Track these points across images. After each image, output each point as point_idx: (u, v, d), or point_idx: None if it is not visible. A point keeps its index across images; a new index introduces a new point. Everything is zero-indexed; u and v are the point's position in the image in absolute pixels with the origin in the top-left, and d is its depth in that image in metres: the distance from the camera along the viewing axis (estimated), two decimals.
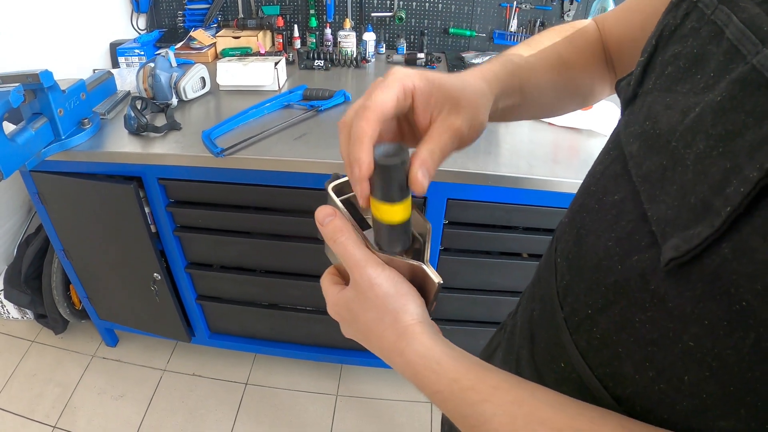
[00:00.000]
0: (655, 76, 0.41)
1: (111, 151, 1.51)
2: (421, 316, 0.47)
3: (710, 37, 0.35)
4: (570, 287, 0.46)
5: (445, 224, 1.58)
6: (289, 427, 1.98)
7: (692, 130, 0.33)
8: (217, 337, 2.11)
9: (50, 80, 1.38)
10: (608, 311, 0.40)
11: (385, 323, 0.47)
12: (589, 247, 0.44)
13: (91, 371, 2.20)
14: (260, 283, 1.86)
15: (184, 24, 2.39)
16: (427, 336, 0.45)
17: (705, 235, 0.30)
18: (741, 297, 0.29)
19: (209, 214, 1.68)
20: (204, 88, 1.84)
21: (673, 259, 0.33)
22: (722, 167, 0.30)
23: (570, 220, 0.50)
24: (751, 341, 0.29)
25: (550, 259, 0.53)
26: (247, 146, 1.49)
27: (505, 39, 2.19)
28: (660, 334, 0.35)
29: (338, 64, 2.17)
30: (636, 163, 0.40)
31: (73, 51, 2.05)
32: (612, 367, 0.40)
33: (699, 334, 0.32)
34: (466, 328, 1.85)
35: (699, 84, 0.35)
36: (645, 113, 0.40)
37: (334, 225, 0.48)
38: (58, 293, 2.08)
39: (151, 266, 1.77)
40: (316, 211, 0.49)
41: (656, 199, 0.36)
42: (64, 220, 1.78)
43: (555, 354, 0.48)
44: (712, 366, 0.31)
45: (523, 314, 0.60)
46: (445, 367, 0.42)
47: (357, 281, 0.47)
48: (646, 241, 0.37)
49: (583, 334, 0.43)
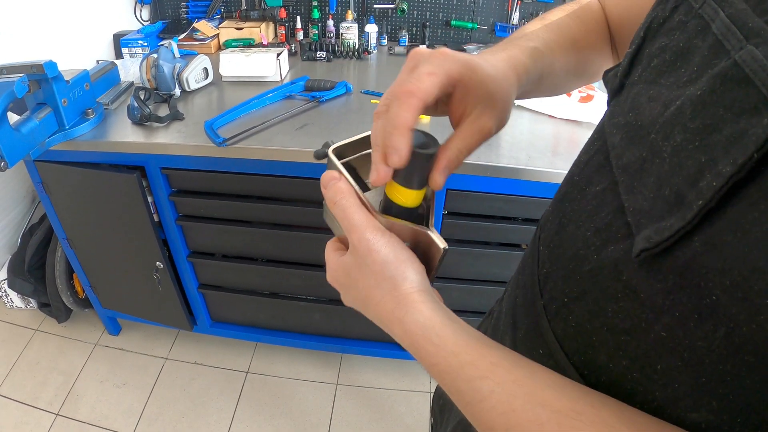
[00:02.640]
0: (642, 67, 0.41)
1: (114, 140, 1.53)
2: (420, 283, 0.45)
3: (697, 31, 0.35)
4: (549, 275, 0.46)
5: (444, 215, 1.59)
6: (289, 416, 2.00)
7: (671, 122, 0.33)
8: (218, 326, 2.12)
9: (54, 71, 1.39)
10: (583, 300, 0.40)
11: (383, 290, 0.45)
12: (569, 236, 0.44)
13: (93, 359, 2.22)
14: (262, 272, 1.87)
15: (187, 15, 2.39)
16: (427, 305, 0.44)
17: (676, 227, 0.31)
18: (711, 291, 0.29)
19: (211, 203, 1.69)
20: (207, 79, 1.85)
21: (645, 250, 0.33)
22: (698, 161, 0.30)
23: (553, 209, 0.50)
24: (722, 335, 0.29)
25: (533, 246, 0.53)
26: (249, 136, 1.50)
27: (506, 31, 2.19)
28: (632, 324, 0.35)
29: (340, 56, 2.17)
30: (617, 154, 0.40)
31: (76, 42, 2.06)
32: (587, 355, 0.40)
33: (671, 324, 0.32)
34: (465, 318, 1.84)
35: (682, 77, 0.35)
36: (629, 105, 0.40)
37: (337, 187, 0.47)
38: (62, 282, 2.10)
39: (154, 255, 1.79)
40: (323, 174, 0.48)
41: (633, 191, 0.36)
42: (68, 210, 1.80)
43: (534, 341, 0.48)
44: (684, 356, 0.32)
45: (508, 301, 0.59)
46: (444, 339, 0.41)
47: (355, 245, 0.46)
48: (622, 232, 0.37)
49: (560, 321, 0.44)
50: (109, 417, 1.99)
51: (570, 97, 1.69)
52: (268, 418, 1.99)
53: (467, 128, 0.46)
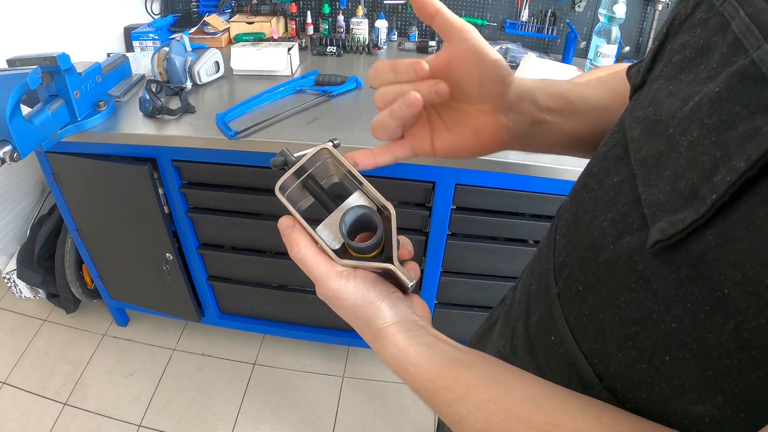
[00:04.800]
0: (663, 63, 0.41)
1: (126, 132, 1.54)
2: (395, 316, 0.47)
3: (717, 29, 0.35)
4: (565, 263, 0.47)
5: (453, 209, 1.60)
6: (295, 407, 2.02)
7: (689, 117, 0.34)
8: (226, 318, 2.14)
9: (67, 63, 1.40)
10: (597, 289, 0.41)
11: (360, 325, 0.48)
12: (586, 225, 0.44)
13: (101, 350, 2.24)
14: (270, 264, 1.89)
15: (198, 9, 2.39)
16: (402, 336, 0.46)
17: (690, 220, 0.31)
18: (722, 284, 0.30)
19: (222, 195, 1.70)
20: (218, 73, 1.86)
21: (659, 241, 0.33)
22: (713, 156, 0.31)
23: (571, 199, 0.51)
24: (731, 328, 0.30)
25: (550, 236, 0.54)
26: (260, 129, 1.51)
27: (516, 29, 2.20)
28: (643, 315, 0.36)
29: (350, 51, 2.18)
30: (636, 147, 0.40)
31: (87, 35, 2.07)
32: (597, 344, 0.41)
33: (681, 315, 0.33)
34: (472, 312, 1.87)
35: (702, 74, 0.35)
36: (650, 99, 0.40)
37: (292, 239, 0.47)
38: (71, 273, 2.11)
39: (164, 246, 1.80)
40: (279, 221, 0.49)
41: (650, 184, 0.36)
42: (79, 201, 1.81)
43: (547, 327, 0.49)
44: (693, 348, 0.32)
45: (522, 288, 0.60)
46: (420, 368, 0.43)
47: (324, 294, 0.48)
48: (638, 224, 0.37)
49: (573, 309, 0.44)
50: (117, 407, 2.01)
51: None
52: (275, 410, 2.01)
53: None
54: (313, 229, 0.47)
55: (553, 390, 0.40)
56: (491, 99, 0.50)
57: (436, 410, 0.43)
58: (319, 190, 0.50)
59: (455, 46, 0.48)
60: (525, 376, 0.42)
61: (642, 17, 2.07)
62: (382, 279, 0.49)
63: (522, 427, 0.37)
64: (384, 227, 0.48)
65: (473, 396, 0.40)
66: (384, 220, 0.48)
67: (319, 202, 0.50)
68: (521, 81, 0.52)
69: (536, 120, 0.53)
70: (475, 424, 0.39)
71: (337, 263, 0.47)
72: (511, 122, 0.51)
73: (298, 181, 0.50)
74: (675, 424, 0.35)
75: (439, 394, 0.42)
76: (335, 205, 0.49)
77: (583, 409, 0.37)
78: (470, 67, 0.49)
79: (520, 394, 0.39)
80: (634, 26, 2.09)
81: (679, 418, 0.34)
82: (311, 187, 0.50)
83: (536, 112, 0.52)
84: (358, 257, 0.48)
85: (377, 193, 0.48)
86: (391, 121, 0.49)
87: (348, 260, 0.47)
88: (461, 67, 0.49)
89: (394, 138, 0.53)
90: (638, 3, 2.04)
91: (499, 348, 0.63)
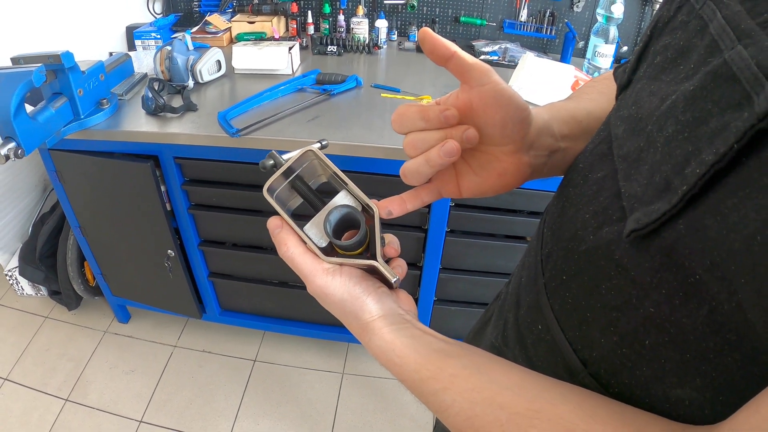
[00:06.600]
0: (647, 64, 0.43)
1: (128, 130, 1.55)
2: (380, 310, 0.49)
3: (696, 31, 0.37)
4: (551, 255, 0.49)
5: (451, 206, 1.61)
6: (295, 404, 2.03)
7: (666, 115, 0.35)
8: (227, 314, 2.15)
9: (71, 61, 1.42)
10: (579, 277, 0.43)
11: (349, 319, 0.50)
12: (570, 218, 0.46)
13: (103, 346, 2.26)
14: (271, 261, 1.90)
15: (199, 9, 2.41)
16: (388, 329, 0.47)
17: (662, 210, 0.33)
18: (694, 271, 0.31)
19: (223, 192, 1.72)
20: (219, 71, 1.88)
21: (634, 231, 0.35)
22: (685, 150, 0.32)
23: (558, 194, 0.53)
24: (705, 313, 0.31)
25: (539, 230, 0.56)
26: (261, 127, 1.52)
27: (515, 28, 2.21)
28: (623, 301, 0.38)
29: (351, 50, 2.20)
30: (619, 144, 0.42)
31: (89, 34, 2.08)
32: (581, 331, 0.43)
33: (658, 300, 0.34)
34: (470, 309, 1.89)
35: (681, 74, 0.36)
36: (633, 99, 0.42)
37: (280, 238, 0.50)
38: (73, 270, 2.13)
39: (166, 243, 1.81)
40: (268, 221, 0.51)
41: (630, 178, 0.38)
42: (81, 198, 1.83)
43: (534, 317, 0.51)
44: (671, 332, 0.34)
45: (514, 281, 0.62)
46: (406, 360, 0.45)
47: (312, 290, 0.50)
48: (617, 215, 0.39)
49: (558, 298, 0.46)
50: (118, 403, 2.02)
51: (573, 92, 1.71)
52: (275, 406, 2.02)
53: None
54: (300, 228, 0.49)
55: (535, 378, 0.42)
56: (513, 140, 0.50)
57: (423, 400, 0.45)
58: (306, 190, 0.52)
59: (475, 90, 0.47)
60: (508, 365, 0.44)
61: (640, 17, 2.09)
62: (368, 275, 0.51)
63: (504, 414, 0.38)
64: (369, 226, 0.49)
65: (457, 385, 0.42)
66: (368, 218, 0.50)
67: (307, 202, 0.52)
68: (538, 115, 0.52)
69: (554, 150, 0.53)
70: (460, 412, 0.41)
71: (324, 261, 0.49)
72: (533, 158, 0.51)
73: (287, 181, 0.52)
74: (656, 408, 0.36)
75: (425, 384, 0.43)
76: (322, 204, 0.51)
77: (564, 396, 0.39)
78: (493, 112, 0.47)
79: (502, 382, 0.41)
80: (632, 26, 2.11)
81: (660, 402, 0.36)
82: (299, 188, 0.52)
83: (554, 142, 0.53)
84: (343, 255, 0.50)
85: (361, 192, 0.50)
86: (427, 169, 0.48)
87: (334, 258, 0.49)
88: (483, 111, 0.48)
89: (423, 182, 0.53)
90: (636, 3, 2.06)
91: (492, 340, 0.65)
